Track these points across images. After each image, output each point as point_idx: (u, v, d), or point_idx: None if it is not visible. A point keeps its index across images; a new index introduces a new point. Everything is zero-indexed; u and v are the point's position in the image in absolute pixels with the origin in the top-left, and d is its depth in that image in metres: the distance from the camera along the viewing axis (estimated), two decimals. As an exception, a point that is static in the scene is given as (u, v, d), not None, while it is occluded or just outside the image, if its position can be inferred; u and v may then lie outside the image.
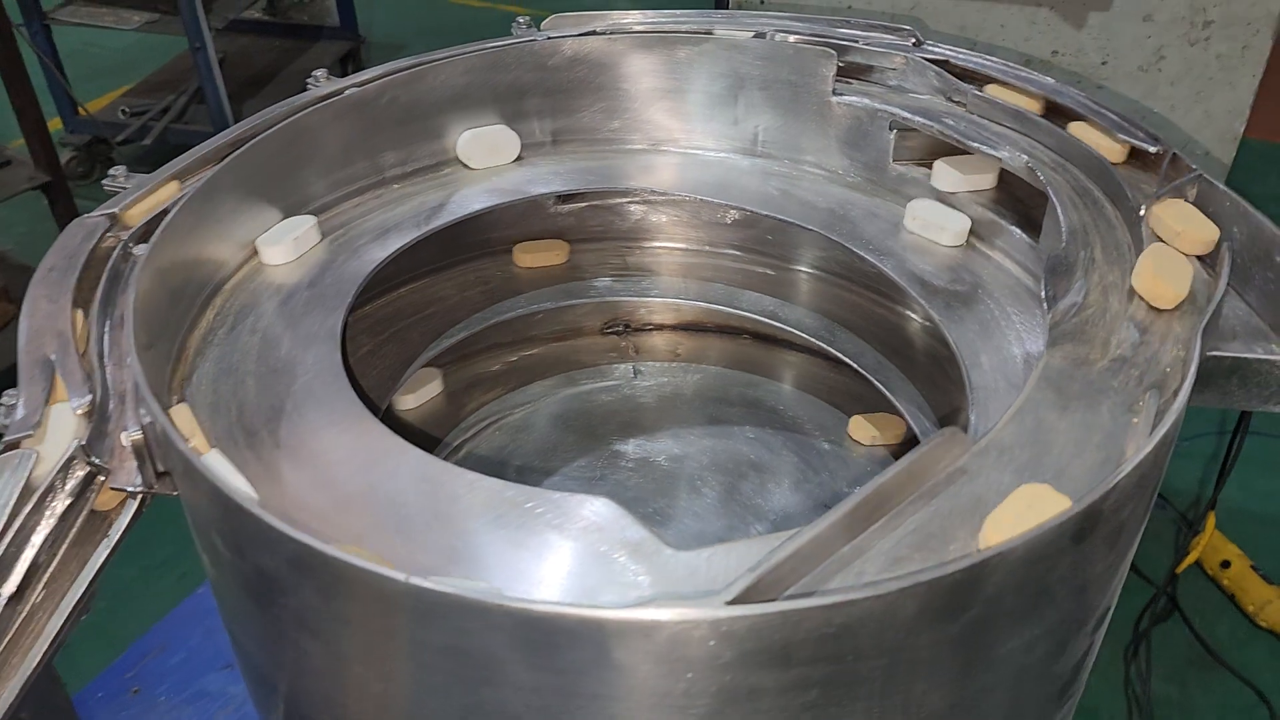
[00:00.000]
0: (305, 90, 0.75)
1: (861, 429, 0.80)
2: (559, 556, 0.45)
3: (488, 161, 0.78)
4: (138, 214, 0.70)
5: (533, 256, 0.85)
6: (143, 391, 0.50)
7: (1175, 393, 0.47)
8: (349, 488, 0.49)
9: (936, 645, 0.41)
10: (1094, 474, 0.46)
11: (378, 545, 0.46)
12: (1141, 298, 0.56)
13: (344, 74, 0.76)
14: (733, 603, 0.37)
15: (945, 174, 0.73)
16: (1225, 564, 1.75)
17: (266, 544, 0.42)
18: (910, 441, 0.78)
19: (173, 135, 2.67)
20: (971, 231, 0.71)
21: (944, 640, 0.41)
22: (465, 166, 0.78)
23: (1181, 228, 0.59)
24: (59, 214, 2.19)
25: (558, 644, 0.38)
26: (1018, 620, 0.42)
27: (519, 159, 0.79)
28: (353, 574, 0.39)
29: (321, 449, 0.51)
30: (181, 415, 0.54)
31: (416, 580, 0.38)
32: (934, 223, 0.71)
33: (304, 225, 0.69)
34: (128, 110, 2.69)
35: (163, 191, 0.72)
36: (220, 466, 0.49)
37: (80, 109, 2.65)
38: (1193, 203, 0.63)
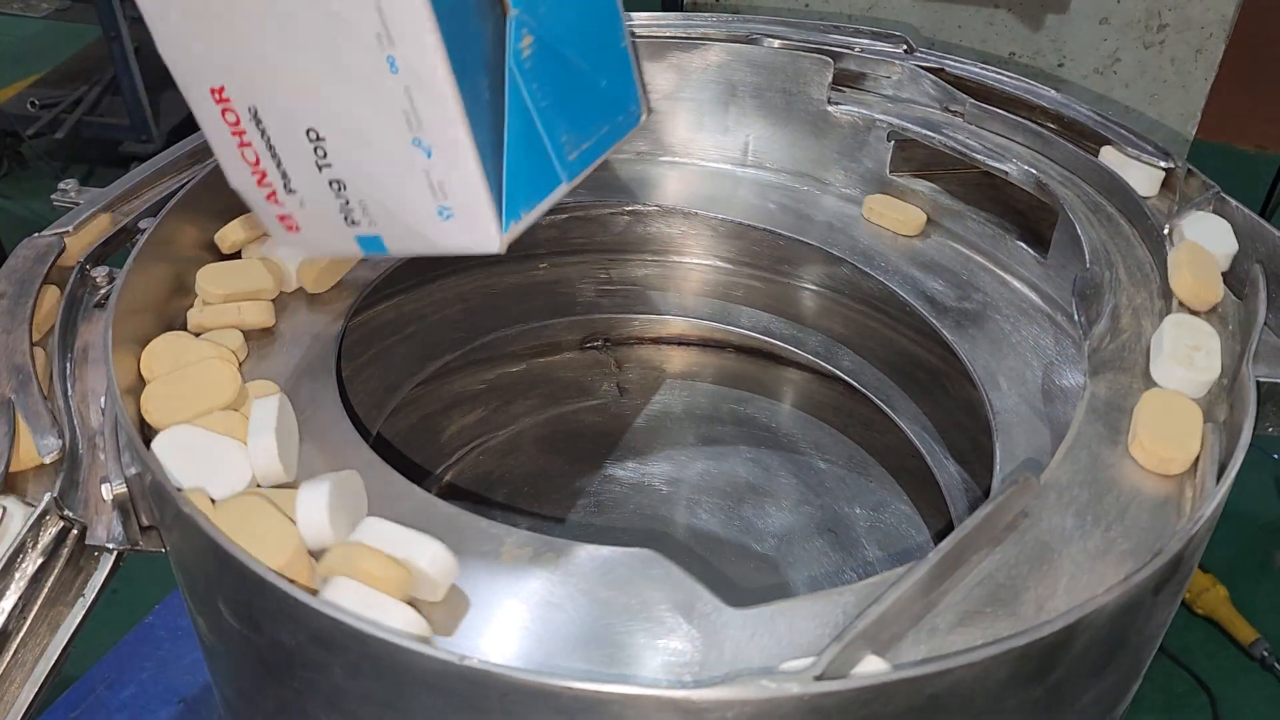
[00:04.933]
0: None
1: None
2: (602, 618, 0.41)
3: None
4: (94, 233, 0.65)
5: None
6: (132, 439, 0.45)
7: (1239, 429, 0.45)
8: (364, 543, 0.45)
9: (1021, 708, 0.38)
10: (1156, 513, 0.45)
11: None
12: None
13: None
14: (821, 678, 0.35)
15: None
16: (1162, 554, 1.79)
17: (291, 618, 0.38)
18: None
19: (86, 129, 2.54)
20: (977, 248, 0.70)
21: (1028, 702, 0.38)
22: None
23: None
24: (-33, 213, 2.07)
25: (627, 725, 0.35)
26: (1094, 675, 0.41)
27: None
28: (397, 654, 0.36)
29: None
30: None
31: (472, 663, 0.34)
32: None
33: None
34: (37, 102, 2.55)
35: (120, 208, 0.66)
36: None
37: (-14, 100, 2.51)
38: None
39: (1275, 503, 1.86)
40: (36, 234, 0.63)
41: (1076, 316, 0.56)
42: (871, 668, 0.37)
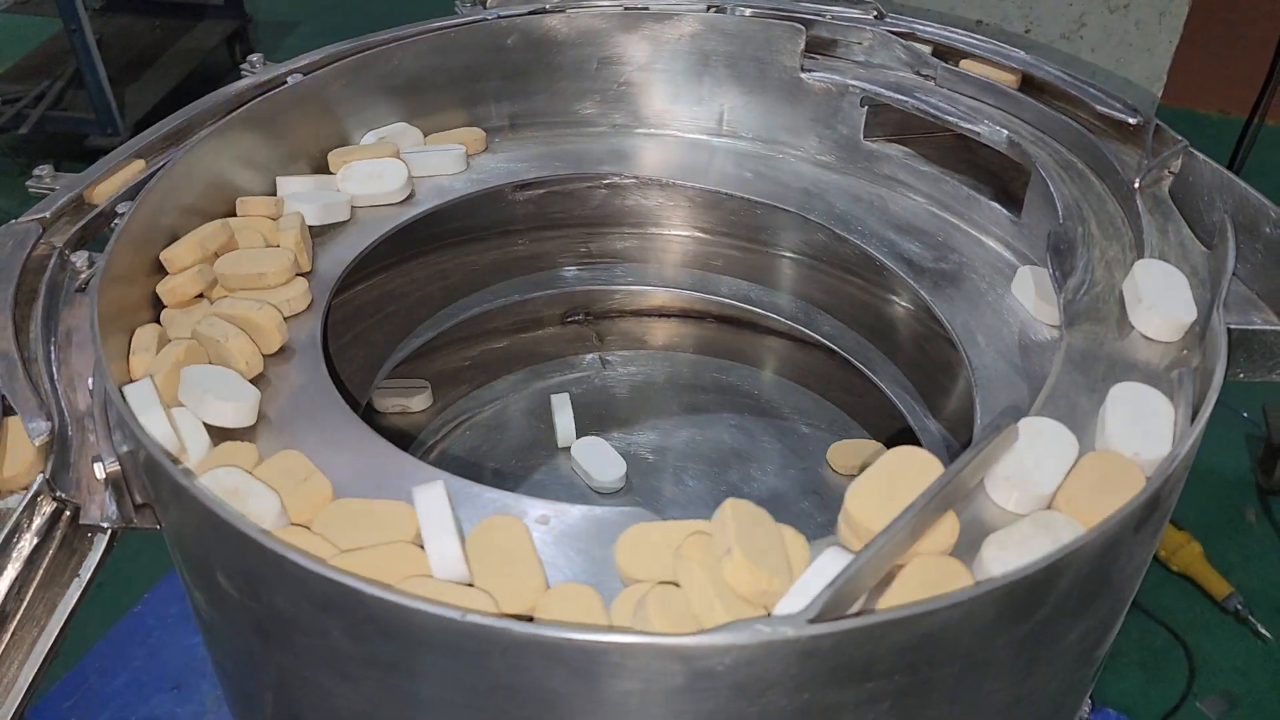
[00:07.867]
0: (194, 68, 0.69)
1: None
2: (598, 574, 0.42)
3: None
4: (70, 218, 0.64)
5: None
6: (125, 417, 0.46)
7: (1211, 373, 0.46)
8: (359, 512, 0.45)
9: (1008, 646, 0.39)
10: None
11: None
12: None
13: (231, 55, 0.71)
14: (815, 620, 0.35)
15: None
16: (1138, 512, 1.81)
17: (290, 582, 0.39)
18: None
19: (50, 123, 2.51)
20: (951, 210, 0.71)
21: (1015, 640, 0.39)
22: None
23: None
24: (-67, 211, 2.04)
25: (629, 674, 0.36)
26: (1079, 613, 0.42)
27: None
28: (397, 613, 0.36)
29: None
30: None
31: (475, 618, 0.35)
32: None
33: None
34: (-1, 98, 2.52)
35: (95, 192, 0.66)
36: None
37: (-52, 97, 2.47)
38: (1175, 174, 0.63)
39: (1246, 460, 1.89)
40: (14, 220, 0.63)
41: (1051, 271, 0.57)
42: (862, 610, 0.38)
